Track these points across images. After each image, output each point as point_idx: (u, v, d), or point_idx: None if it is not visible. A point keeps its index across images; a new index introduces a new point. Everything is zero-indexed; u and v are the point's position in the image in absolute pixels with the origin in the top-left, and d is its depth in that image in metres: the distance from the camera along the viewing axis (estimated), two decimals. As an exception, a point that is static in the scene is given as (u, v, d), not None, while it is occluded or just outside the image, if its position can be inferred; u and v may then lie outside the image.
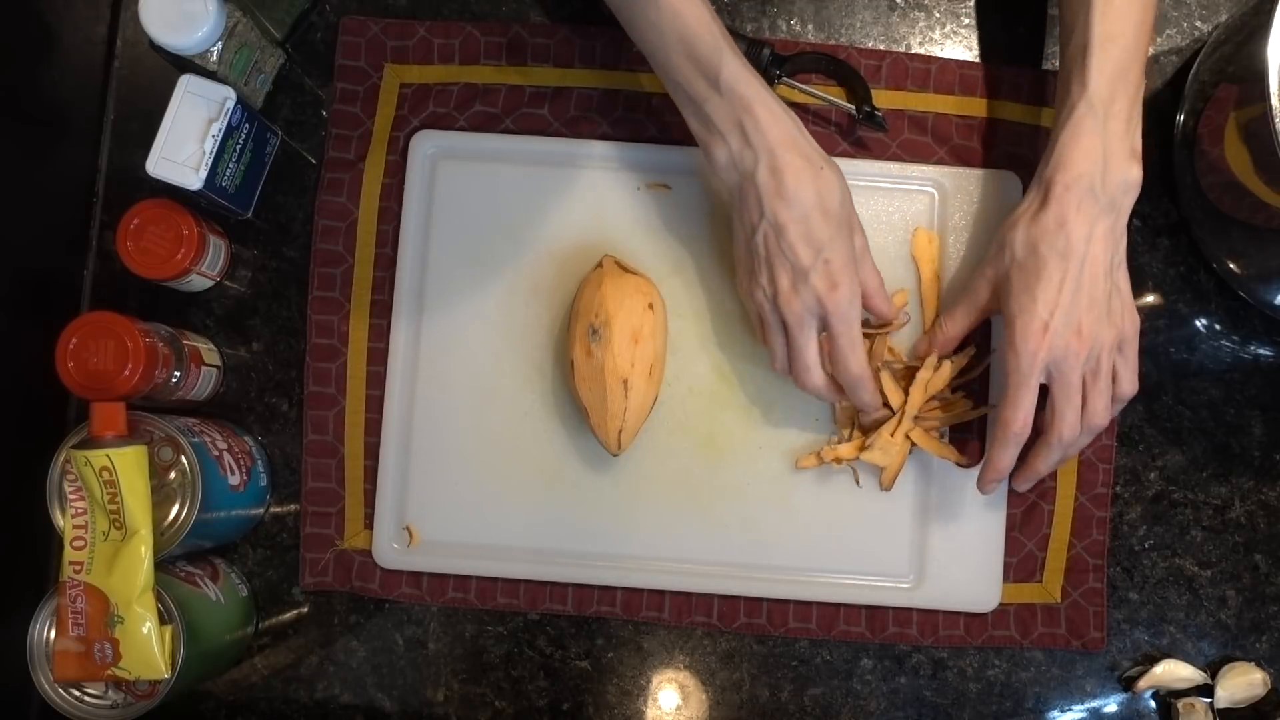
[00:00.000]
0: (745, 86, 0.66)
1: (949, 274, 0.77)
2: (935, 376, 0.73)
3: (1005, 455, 0.68)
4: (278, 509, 0.78)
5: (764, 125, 0.66)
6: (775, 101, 0.67)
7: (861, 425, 0.75)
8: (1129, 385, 0.68)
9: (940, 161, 0.78)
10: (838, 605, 0.76)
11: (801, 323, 0.68)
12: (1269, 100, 0.63)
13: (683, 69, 0.67)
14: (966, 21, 0.81)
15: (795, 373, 0.70)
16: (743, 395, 0.76)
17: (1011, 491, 0.76)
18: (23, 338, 0.74)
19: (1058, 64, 0.74)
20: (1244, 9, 0.73)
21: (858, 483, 0.75)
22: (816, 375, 0.69)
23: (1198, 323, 0.79)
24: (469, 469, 0.76)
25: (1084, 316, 0.65)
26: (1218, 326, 0.79)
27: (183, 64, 0.73)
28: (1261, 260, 0.74)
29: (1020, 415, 0.66)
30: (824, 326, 0.69)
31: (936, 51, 0.80)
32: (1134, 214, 0.78)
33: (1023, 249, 0.66)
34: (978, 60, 0.80)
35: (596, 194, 0.78)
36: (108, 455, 0.65)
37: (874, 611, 0.76)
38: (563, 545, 0.76)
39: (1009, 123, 0.79)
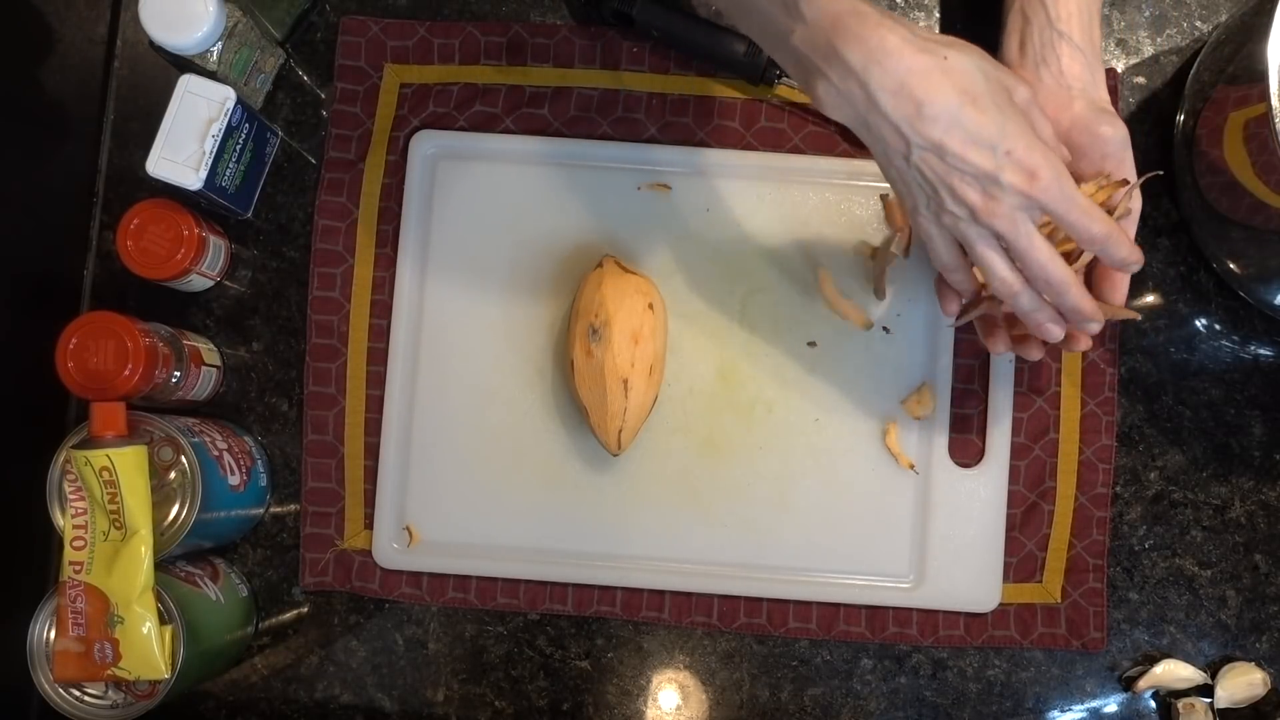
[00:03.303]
0: (827, 1, 0.55)
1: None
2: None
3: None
4: (278, 509, 0.78)
5: (862, 37, 0.54)
6: (866, 4, 0.56)
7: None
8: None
9: (940, 161, 0.78)
10: (838, 605, 0.76)
11: (1015, 225, 0.58)
12: (1269, 100, 0.63)
13: (759, 3, 0.58)
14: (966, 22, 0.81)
15: (1039, 281, 0.60)
16: (743, 395, 0.76)
17: (1012, 491, 0.76)
18: (23, 338, 0.74)
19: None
20: (1244, 9, 0.73)
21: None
22: (1060, 267, 0.60)
23: (1198, 323, 0.79)
24: (469, 469, 0.76)
25: None
26: (1218, 326, 0.79)
27: (183, 64, 0.73)
28: (1261, 260, 0.74)
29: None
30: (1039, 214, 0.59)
31: (936, 51, 0.80)
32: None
33: None
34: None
35: (596, 194, 0.78)
36: (108, 455, 0.65)
37: (874, 611, 0.76)
38: (563, 545, 0.76)
39: (1009, 123, 0.78)
